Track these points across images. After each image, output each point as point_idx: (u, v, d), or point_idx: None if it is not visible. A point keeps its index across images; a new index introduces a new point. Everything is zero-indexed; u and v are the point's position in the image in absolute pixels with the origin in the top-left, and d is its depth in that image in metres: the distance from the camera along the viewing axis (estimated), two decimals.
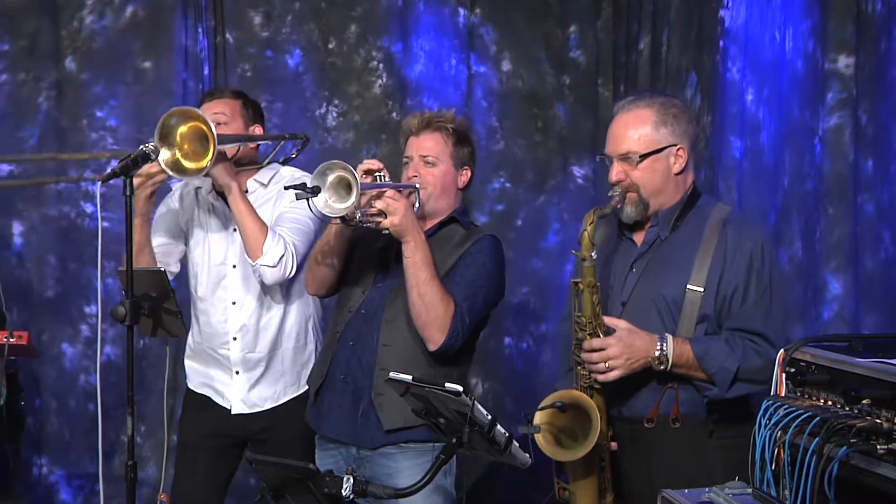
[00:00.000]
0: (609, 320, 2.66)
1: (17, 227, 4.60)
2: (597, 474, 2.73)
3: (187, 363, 3.51)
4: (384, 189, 2.80)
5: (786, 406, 2.19)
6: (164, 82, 4.60)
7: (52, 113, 4.58)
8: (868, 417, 2.02)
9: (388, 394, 2.76)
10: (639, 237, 2.82)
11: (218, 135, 2.99)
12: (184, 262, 3.52)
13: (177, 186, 3.50)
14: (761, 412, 2.22)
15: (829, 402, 2.16)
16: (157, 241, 3.41)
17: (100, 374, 2.96)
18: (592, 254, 2.65)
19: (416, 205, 2.95)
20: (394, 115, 4.67)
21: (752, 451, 2.21)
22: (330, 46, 4.68)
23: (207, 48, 4.62)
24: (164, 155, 2.99)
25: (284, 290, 3.35)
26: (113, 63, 4.58)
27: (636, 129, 2.72)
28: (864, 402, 2.04)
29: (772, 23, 3.47)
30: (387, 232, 2.82)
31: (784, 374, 2.30)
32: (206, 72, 4.61)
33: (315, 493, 2.30)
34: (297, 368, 3.41)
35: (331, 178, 2.71)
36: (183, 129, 3.00)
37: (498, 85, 4.74)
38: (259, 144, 3.43)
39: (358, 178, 2.67)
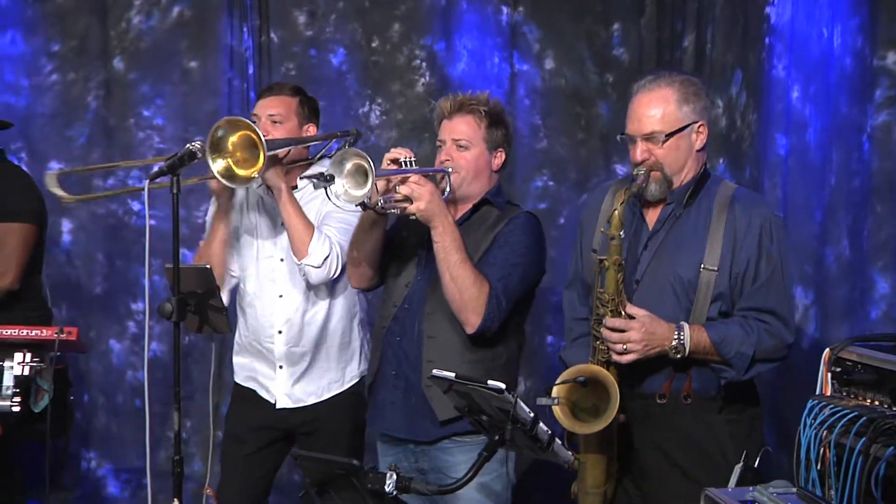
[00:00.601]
0: (631, 308, 2.68)
1: (65, 225, 4.68)
2: (608, 446, 2.77)
3: (235, 359, 3.54)
4: (408, 174, 2.80)
5: (831, 406, 2.18)
6: (209, 81, 4.65)
7: (100, 112, 4.65)
8: None
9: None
10: (651, 216, 2.84)
11: (267, 141, 3.02)
12: None
13: None
14: (806, 411, 2.22)
15: (876, 402, 2.14)
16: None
17: (147, 371, 3.00)
18: (621, 233, 2.67)
19: (448, 189, 2.94)
20: None
21: (796, 451, 2.20)
22: (373, 45, 4.70)
23: (252, 47, 4.67)
24: (218, 165, 3.03)
25: (330, 286, 3.36)
26: (160, 63, 4.65)
27: (659, 108, 2.74)
28: None
29: (819, 19, 3.43)
30: (414, 217, 2.82)
31: (829, 374, 2.29)
32: (250, 71, 4.65)
33: (359, 488, 2.32)
34: (341, 365, 3.43)
35: (348, 166, 2.73)
36: (233, 138, 3.04)
37: (541, 83, 4.72)
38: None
39: (371, 165, 2.67)
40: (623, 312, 2.67)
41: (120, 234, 4.68)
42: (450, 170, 2.96)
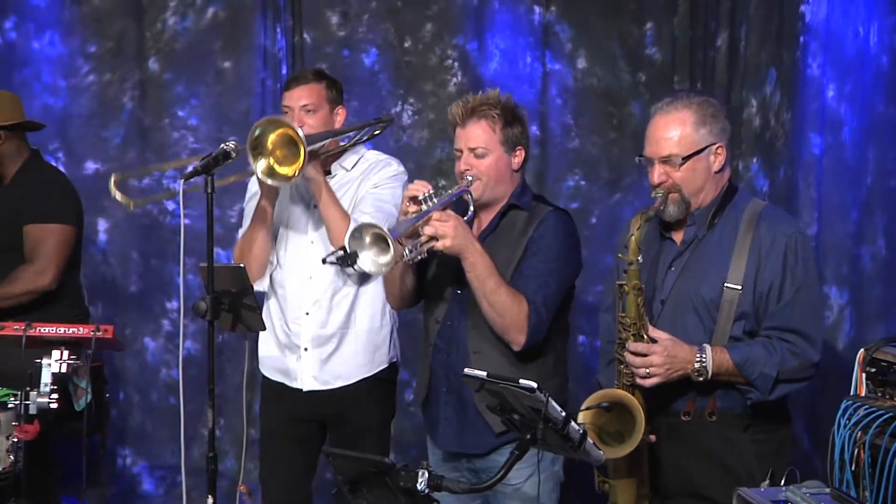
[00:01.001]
0: (653, 332, 2.68)
1: (101, 224, 4.74)
2: (637, 469, 2.76)
3: (261, 347, 3.54)
4: (428, 214, 2.79)
5: (866, 406, 2.17)
6: (243, 82, 4.69)
7: (135, 112, 4.71)
8: None
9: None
10: (678, 236, 2.83)
11: (306, 136, 3.05)
12: None
13: None
14: (840, 412, 2.21)
15: None
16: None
17: (182, 368, 3.03)
18: (639, 258, 2.68)
19: (472, 204, 2.92)
20: None
21: (830, 452, 2.19)
22: (406, 45, 4.71)
23: (285, 48, 4.70)
24: (260, 165, 3.07)
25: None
26: (194, 63, 4.70)
27: (677, 131, 2.74)
28: None
29: (854, 18, 3.41)
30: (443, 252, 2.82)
31: (864, 374, 2.27)
32: (283, 71, 4.68)
33: (391, 486, 2.33)
34: (370, 349, 3.43)
35: (367, 238, 2.71)
36: (272, 136, 3.08)
37: (573, 82, 4.71)
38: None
39: (386, 231, 2.65)
40: (645, 336, 2.68)
41: (155, 234, 4.73)
42: (470, 187, 2.92)
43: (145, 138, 4.69)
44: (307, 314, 3.39)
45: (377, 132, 3.57)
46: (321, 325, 3.39)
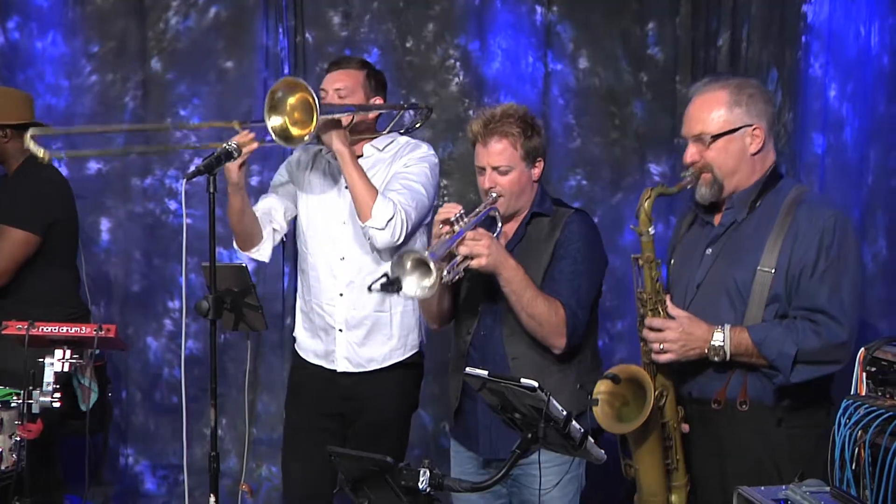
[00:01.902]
0: (671, 308, 2.67)
1: (104, 224, 4.75)
2: (661, 453, 2.74)
3: (298, 330, 3.55)
4: (463, 235, 2.81)
5: (866, 405, 2.17)
6: (245, 81, 4.71)
7: (138, 112, 4.72)
8: None
9: None
10: (717, 219, 2.81)
11: (322, 105, 3.07)
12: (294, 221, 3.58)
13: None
14: (840, 411, 2.21)
15: None
16: (268, 200, 3.50)
17: (184, 367, 3.04)
18: (650, 229, 2.68)
19: (499, 220, 2.99)
20: (470, 112, 4.68)
21: (830, 451, 2.19)
22: (407, 45, 4.72)
23: (287, 48, 4.70)
24: (275, 121, 3.09)
25: (394, 250, 3.30)
26: (196, 63, 4.71)
27: (710, 111, 2.72)
28: None
29: (856, 18, 3.42)
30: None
31: (864, 373, 2.28)
32: (286, 71, 4.68)
33: (392, 485, 2.33)
34: (403, 332, 3.43)
35: (408, 264, 2.72)
36: (292, 99, 3.09)
37: (575, 82, 4.72)
38: (378, 114, 3.47)
39: (427, 255, 2.67)
40: (662, 311, 2.67)
41: (157, 233, 4.75)
42: (498, 204, 2.98)
43: (148, 137, 4.69)
44: (341, 295, 3.39)
45: (418, 125, 3.59)
46: (355, 307, 3.38)
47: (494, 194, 2.97)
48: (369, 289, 2.80)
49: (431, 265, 2.66)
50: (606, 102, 4.72)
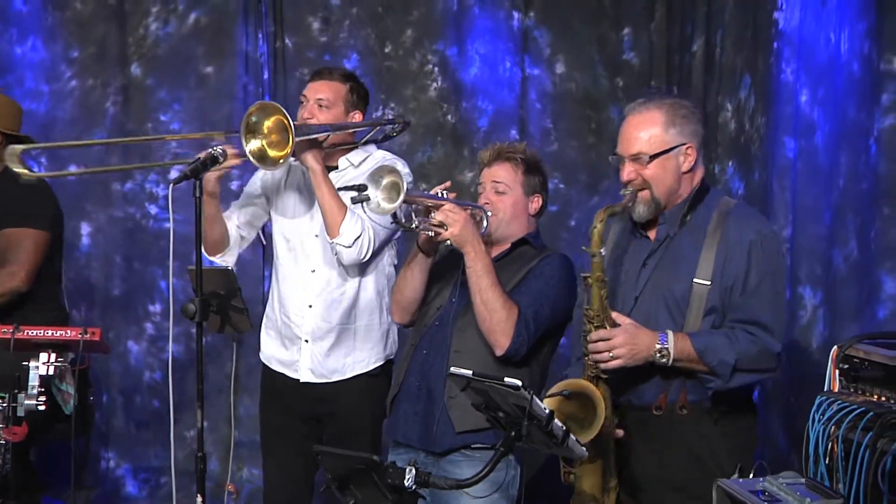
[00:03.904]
0: (616, 316, 2.75)
1: (85, 228, 4.76)
2: (601, 459, 2.80)
3: (263, 336, 3.60)
4: (443, 202, 2.94)
5: (839, 401, 2.24)
6: (225, 87, 4.73)
7: (118, 117, 4.73)
8: None
9: (460, 397, 2.83)
10: (653, 233, 2.90)
11: (298, 126, 3.12)
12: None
13: None
14: (815, 407, 2.27)
15: (883, 398, 2.20)
16: (239, 208, 3.56)
17: (171, 371, 3.06)
18: (601, 250, 2.75)
19: (485, 226, 3.10)
20: (449, 117, 4.75)
21: (805, 446, 2.25)
22: (386, 50, 4.76)
23: (267, 53, 4.73)
24: (253, 145, 3.13)
25: (362, 266, 3.42)
26: (177, 68, 4.73)
27: (646, 130, 2.81)
28: None
29: (827, 24, 3.48)
30: (449, 243, 2.97)
31: (837, 371, 2.34)
32: (265, 76, 4.72)
33: (378, 483, 2.37)
34: (367, 345, 3.49)
35: (384, 180, 2.89)
36: (268, 122, 3.14)
37: (552, 87, 4.78)
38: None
39: (404, 182, 2.84)
40: (607, 325, 2.75)
41: (138, 237, 4.76)
42: (489, 212, 3.11)
43: (129, 146, 4.71)
44: (310, 307, 3.44)
45: (394, 134, 3.63)
46: (323, 318, 3.44)
47: (488, 211, 3.11)
48: (338, 189, 3.05)
49: (401, 193, 2.83)
50: (583, 107, 4.78)
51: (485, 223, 3.11)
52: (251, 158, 3.14)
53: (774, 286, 2.76)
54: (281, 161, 3.14)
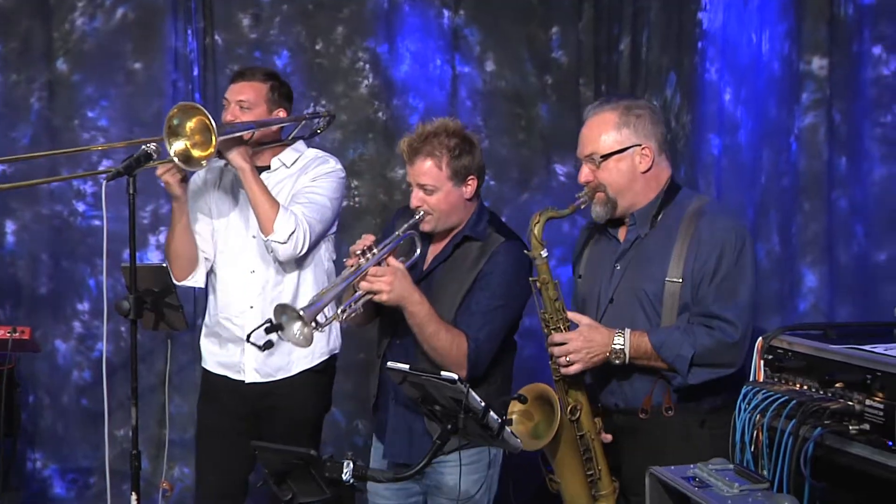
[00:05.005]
0: (573, 316, 2.77)
1: (9, 226, 4.68)
2: (580, 465, 2.82)
3: (203, 343, 3.58)
4: (365, 271, 2.87)
5: (764, 391, 2.30)
6: (154, 83, 4.69)
7: (44, 113, 4.67)
8: (841, 400, 2.14)
9: None
10: (622, 235, 2.91)
11: (220, 125, 3.10)
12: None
13: None
14: (741, 397, 2.34)
15: (805, 387, 2.27)
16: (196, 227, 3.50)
17: (105, 370, 3.03)
18: (542, 252, 2.75)
19: (418, 245, 3.02)
20: (380, 114, 4.77)
21: (732, 434, 2.32)
22: (317, 47, 4.76)
23: (197, 50, 4.70)
24: (177, 146, 3.11)
25: (299, 261, 3.42)
26: (104, 64, 4.68)
27: (600, 132, 2.83)
28: (837, 385, 2.17)
29: (749, 25, 3.56)
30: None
31: (762, 361, 2.42)
32: (195, 73, 4.69)
33: (316, 478, 2.39)
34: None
35: (286, 315, 2.80)
36: (191, 123, 3.12)
37: (482, 85, 4.83)
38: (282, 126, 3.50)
39: (301, 313, 2.76)
40: (564, 328, 2.76)
41: (65, 235, 4.69)
42: (421, 223, 3.00)
43: (55, 139, 4.65)
44: (251, 307, 3.43)
45: (320, 130, 3.64)
46: (265, 318, 3.40)
47: (422, 212, 3.02)
48: (247, 339, 2.88)
49: (304, 319, 2.76)
50: (513, 104, 4.84)
51: (418, 241, 3.02)
52: (176, 160, 3.12)
53: (741, 281, 2.72)
54: (204, 162, 3.12)
